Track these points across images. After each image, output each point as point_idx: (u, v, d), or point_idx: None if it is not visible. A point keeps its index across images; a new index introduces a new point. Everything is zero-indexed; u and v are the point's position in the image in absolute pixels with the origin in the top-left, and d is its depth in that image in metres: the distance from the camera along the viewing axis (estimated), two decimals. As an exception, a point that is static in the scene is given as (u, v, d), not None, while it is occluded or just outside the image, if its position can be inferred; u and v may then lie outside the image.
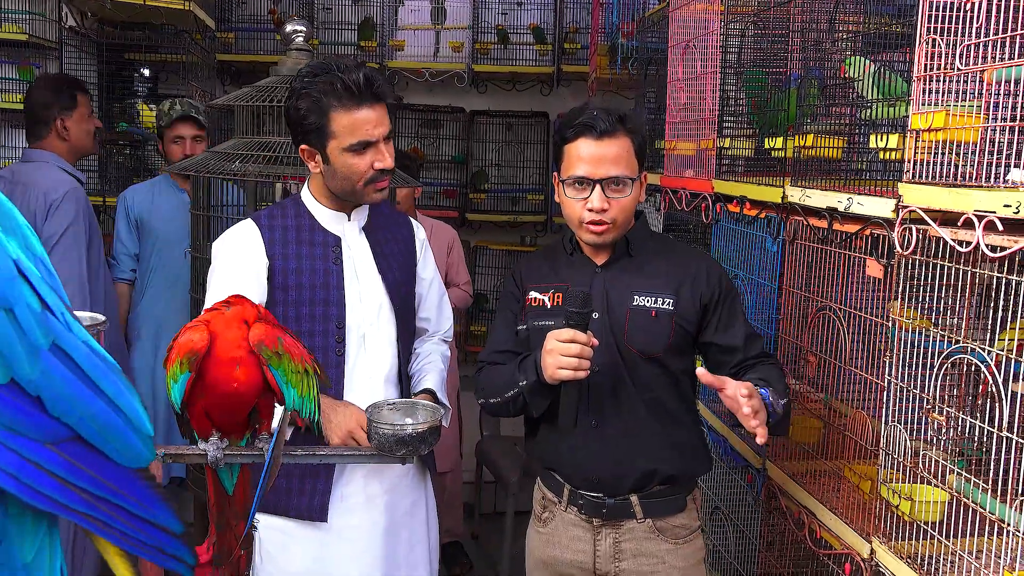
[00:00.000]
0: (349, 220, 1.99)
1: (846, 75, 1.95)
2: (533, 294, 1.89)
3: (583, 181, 1.78)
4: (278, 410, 1.39)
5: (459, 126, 4.80)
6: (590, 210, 1.77)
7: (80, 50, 3.82)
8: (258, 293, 1.91)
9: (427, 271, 2.17)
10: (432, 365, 2.11)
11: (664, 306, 1.79)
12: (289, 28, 2.46)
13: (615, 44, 3.57)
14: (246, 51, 4.52)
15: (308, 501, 1.91)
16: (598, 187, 1.76)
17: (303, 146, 1.90)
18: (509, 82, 4.76)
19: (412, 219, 2.20)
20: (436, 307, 2.20)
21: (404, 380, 2.06)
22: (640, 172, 1.83)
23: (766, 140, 2.22)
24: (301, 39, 2.46)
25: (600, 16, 3.95)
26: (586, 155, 1.78)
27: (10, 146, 3.78)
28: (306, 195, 2.00)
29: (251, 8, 4.60)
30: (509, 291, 1.97)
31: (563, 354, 1.65)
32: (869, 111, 1.87)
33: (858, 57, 1.93)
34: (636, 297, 1.81)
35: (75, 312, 0.88)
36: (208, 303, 1.89)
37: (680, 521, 1.85)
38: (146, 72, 4.16)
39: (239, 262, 1.92)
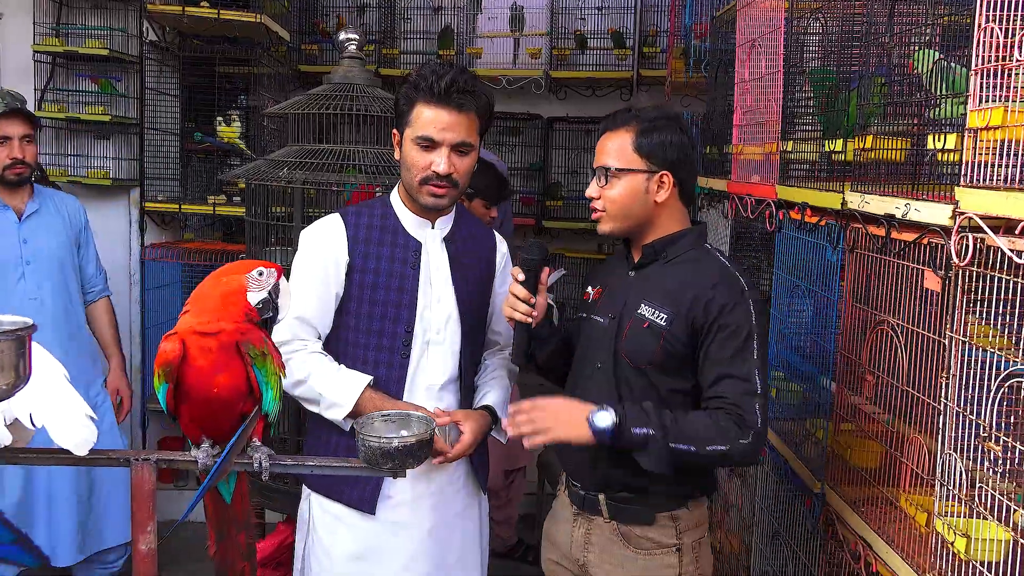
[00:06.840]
0: (432, 228, 2.00)
1: (914, 70, 1.80)
2: (588, 288, 1.98)
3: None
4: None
5: (537, 133, 4.76)
6: (587, 196, 1.89)
7: (162, 64, 3.97)
8: (335, 286, 1.96)
9: (503, 286, 2.15)
10: (497, 381, 2.11)
11: (658, 320, 1.77)
12: (342, 36, 2.47)
13: (688, 46, 3.46)
14: (330, 62, 4.60)
15: (360, 492, 1.96)
16: (594, 176, 1.86)
17: (395, 130, 1.99)
18: (588, 88, 4.69)
19: (496, 232, 2.18)
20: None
21: (464, 390, 2.05)
22: (651, 169, 1.79)
23: (827, 143, 2.08)
24: (354, 47, 2.47)
25: (676, 18, 3.84)
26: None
27: (93, 155, 3.95)
28: (394, 197, 2.04)
29: (334, 21, 4.69)
30: None
31: (514, 295, 1.86)
32: (936, 109, 1.72)
33: (927, 51, 1.78)
34: (642, 305, 1.81)
35: None
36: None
37: (648, 534, 1.81)
38: (239, 84, 4.27)
39: (320, 254, 1.97)
